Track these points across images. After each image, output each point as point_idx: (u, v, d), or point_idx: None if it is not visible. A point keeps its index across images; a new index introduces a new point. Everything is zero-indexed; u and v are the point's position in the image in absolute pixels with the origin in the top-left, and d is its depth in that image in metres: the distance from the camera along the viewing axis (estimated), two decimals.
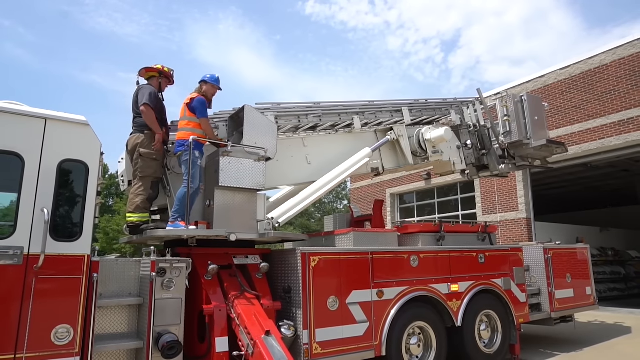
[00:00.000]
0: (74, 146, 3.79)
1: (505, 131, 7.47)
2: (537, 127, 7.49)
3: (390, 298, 5.38)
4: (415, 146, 6.89)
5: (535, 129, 7.46)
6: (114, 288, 4.15)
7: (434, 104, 7.48)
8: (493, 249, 6.79)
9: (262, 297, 4.70)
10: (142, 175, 4.76)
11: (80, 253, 3.66)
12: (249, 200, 5.08)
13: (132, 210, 4.73)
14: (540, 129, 7.57)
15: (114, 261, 4.24)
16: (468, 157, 7.60)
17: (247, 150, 5.07)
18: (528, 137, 7.40)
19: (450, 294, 5.97)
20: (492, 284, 6.54)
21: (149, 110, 4.74)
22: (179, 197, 4.66)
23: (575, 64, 12.80)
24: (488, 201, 15.01)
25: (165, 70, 5.17)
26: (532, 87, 13.62)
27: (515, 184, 14.03)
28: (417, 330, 5.68)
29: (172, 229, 4.53)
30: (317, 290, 4.81)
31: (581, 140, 12.50)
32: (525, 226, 13.75)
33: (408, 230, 6.45)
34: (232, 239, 4.72)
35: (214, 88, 5.24)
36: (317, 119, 6.25)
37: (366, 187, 21.08)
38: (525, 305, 6.94)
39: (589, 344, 7.84)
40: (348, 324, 4.96)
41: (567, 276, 7.86)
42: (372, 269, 5.31)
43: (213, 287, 4.56)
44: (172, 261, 4.20)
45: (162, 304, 4.10)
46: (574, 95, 12.78)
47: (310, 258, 4.83)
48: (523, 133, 7.40)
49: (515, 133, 7.39)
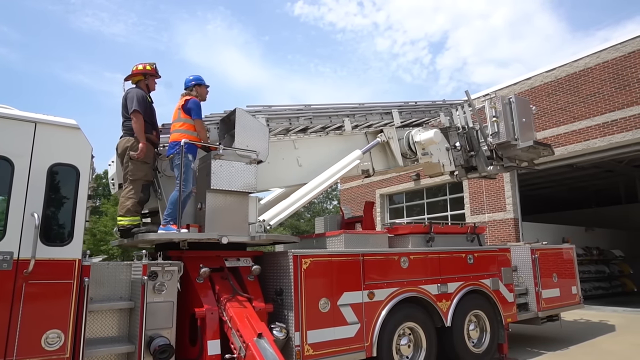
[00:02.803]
0: (65, 150, 3.76)
1: (494, 132, 7.58)
2: (524, 128, 7.62)
3: (381, 299, 5.43)
4: (405, 148, 6.95)
5: (523, 130, 7.59)
6: (105, 292, 4.13)
7: (423, 106, 7.57)
8: (482, 250, 6.89)
9: (254, 300, 4.71)
10: (133, 178, 4.74)
11: (71, 257, 3.64)
12: (240, 202, 5.08)
13: (123, 214, 4.70)
14: (528, 131, 7.70)
15: (105, 265, 4.22)
16: (457, 158, 7.70)
17: (239, 153, 5.08)
18: (516, 138, 7.51)
19: (440, 295, 6.05)
20: (481, 285, 6.63)
21: (138, 117, 4.72)
22: (171, 200, 4.65)
23: (560, 67, 13.03)
24: (476, 202, 15.20)
25: (148, 68, 5.11)
26: (519, 89, 13.83)
27: (503, 185, 14.22)
28: (407, 331, 5.74)
29: (164, 232, 4.52)
30: (309, 292, 4.84)
31: (567, 141, 12.72)
32: (512, 226, 13.94)
33: (398, 232, 6.52)
34: (224, 241, 4.72)
35: (205, 88, 5.25)
36: (308, 121, 6.28)
37: (356, 188, 21.17)
38: (513, 305, 7.05)
39: (574, 342, 7.99)
40: (339, 326, 5.00)
41: (553, 276, 8.01)
42: (363, 270, 5.35)
43: (205, 290, 4.56)
44: (163, 264, 4.19)
45: (154, 308, 4.09)
46: (559, 97, 13.01)
47: (301, 260, 4.86)
48: (511, 134, 7.51)
49: (503, 134, 7.50)
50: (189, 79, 5.20)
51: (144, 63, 5.11)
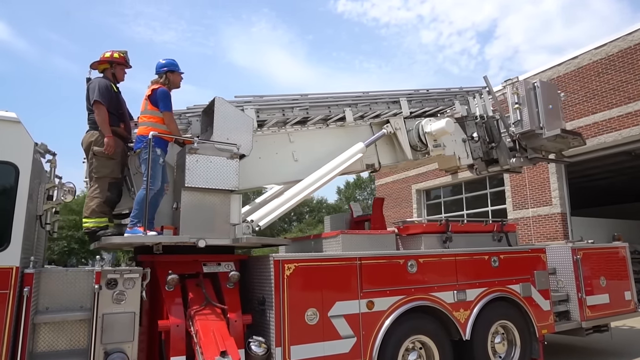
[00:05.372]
0: (1, 146, 3.41)
1: (516, 120, 6.73)
2: (551, 116, 6.73)
3: (383, 309, 4.76)
4: (415, 140, 6.21)
5: (549, 118, 6.70)
6: (62, 301, 3.78)
7: (436, 94, 6.78)
8: (509, 251, 6.01)
9: (230, 310, 4.21)
10: (98, 175, 4.37)
11: (6, 265, 3.28)
12: (221, 202, 4.61)
13: (88, 215, 4.34)
14: (555, 119, 6.80)
15: (64, 271, 3.87)
16: (475, 150, 6.90)
17: (218, 147, 4.59)
18: (541, 126, 6.67)
19: (457, 304, 5.28)
20: (508, 291, 5.77)
21: (100, 108, 4.33)
22: (137, 200, 4.25)
23: (612, 42, 11.54)
24: (519, 195, 13.92)
25: (116, 56, 4.71)
26: (564, 70, 12.45)
27: (548, 176, 12.89)
28: (417, 345, 5.03)
29: (129, 236, 4.12)
30: (293, 302, 4.27)
31: (621, 125, 11.26)
32: (560, 222, 12.60)
33: (409, 232, 5.79)
34: (201, 245, 4.26)
35: (179, 76, 4.77)
36: (304, 111, 5.69)
37: (391, 184, 20.29)
38: (549, 313, 6.11)
39: (628, 356, 6.91)
40: (330, 340, 4.40)
41: (601, 279, 6.92)
42: (360, 276, 4.71)
43: (173, 299, 4.11)
44: (122, 271, 3.78)
45: (112, 319, 3.70)
46: (611, 76, 11.53)
47: (284, 265, 4.30)
48: (535, 122, 6.67)
49: (526, 122, 6.66)
50: (160, 64, 4.67)
51: (113, 50, 4.73)
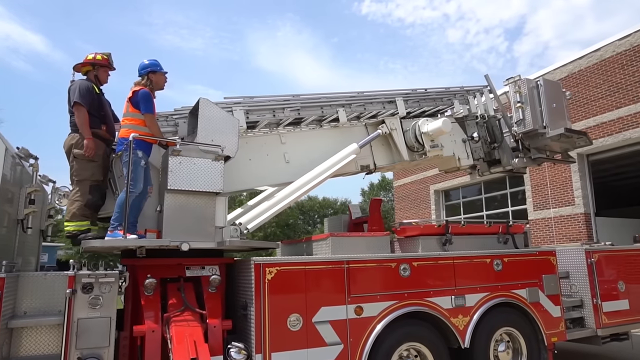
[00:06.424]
0: None
1: (519, 120, 6.44)
2: (555, 115, 6.40)
3: (373, 315, 4.57)
4: (412, 141, 5.99)
5: (553, 116, 6.38)
6: (40, 305, 3.76)
7: (434, 93, 6.52)
8: (514, 254, 5.70)
9: (210, 315, 4.11)
10: (78, 178, 4.36)
11: None
12: (205, 204, 4.51)
13: (69, 219, 4.33)
14: (560, 118, 6.47)
15: (42, 276, 3.86)
16: (476, 151, 6.62)
17: (202, 149, 4.51)
18: (544, 125, 6.35)
19: (455, 309, 5.02)
20: (513, 296, 5.47)
21: (80, 110, 4.32)
22: (118, 203, 4.21)
23: (636, 32, 10.89)
24: (539, 195, 13.35)
25: (99, 58, 4.69)
26: (585, 63, 11.86)
27: (570, 175, 12.31)
28: (412, 352, 4.81)
29: (109, 239, 4.08)
30: (274, 307, 4.14)
31: None
32: (583, 222, 11.99)
33: (406, 234, 5.57)
34: (184, 248, 4.18)
35: (162, 76, 4.72)
36: (295, 112, 5.56)
37: (409, 184, 19.93)
38: (560, 320, 5.75)
39: None
40: (315, 347, 4.24)
41: (619, 284, 6.49)
42: (347, 280, 4.53)
43: (151, 304, 4.04)
44: (97, 275, 3.74)
45: (88, 324, 3.65)
46: (637, 68, 10.88)
47: (265, 269, 4.17)
48: (538, 121, 6.36)
49: (529, 121, 6.36)
50: (143, 64, 4.60)
51: (96, 52, 4.73)
